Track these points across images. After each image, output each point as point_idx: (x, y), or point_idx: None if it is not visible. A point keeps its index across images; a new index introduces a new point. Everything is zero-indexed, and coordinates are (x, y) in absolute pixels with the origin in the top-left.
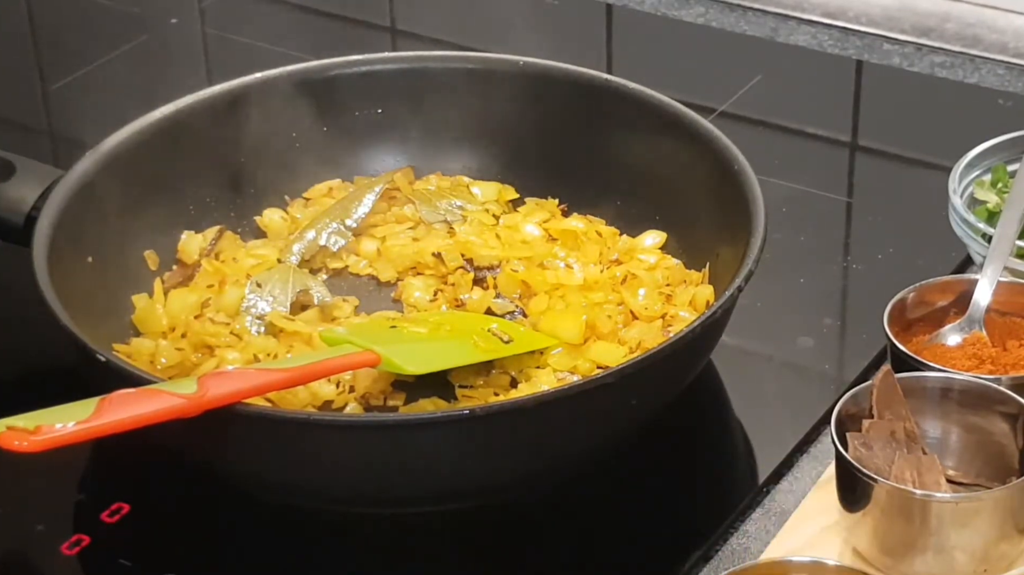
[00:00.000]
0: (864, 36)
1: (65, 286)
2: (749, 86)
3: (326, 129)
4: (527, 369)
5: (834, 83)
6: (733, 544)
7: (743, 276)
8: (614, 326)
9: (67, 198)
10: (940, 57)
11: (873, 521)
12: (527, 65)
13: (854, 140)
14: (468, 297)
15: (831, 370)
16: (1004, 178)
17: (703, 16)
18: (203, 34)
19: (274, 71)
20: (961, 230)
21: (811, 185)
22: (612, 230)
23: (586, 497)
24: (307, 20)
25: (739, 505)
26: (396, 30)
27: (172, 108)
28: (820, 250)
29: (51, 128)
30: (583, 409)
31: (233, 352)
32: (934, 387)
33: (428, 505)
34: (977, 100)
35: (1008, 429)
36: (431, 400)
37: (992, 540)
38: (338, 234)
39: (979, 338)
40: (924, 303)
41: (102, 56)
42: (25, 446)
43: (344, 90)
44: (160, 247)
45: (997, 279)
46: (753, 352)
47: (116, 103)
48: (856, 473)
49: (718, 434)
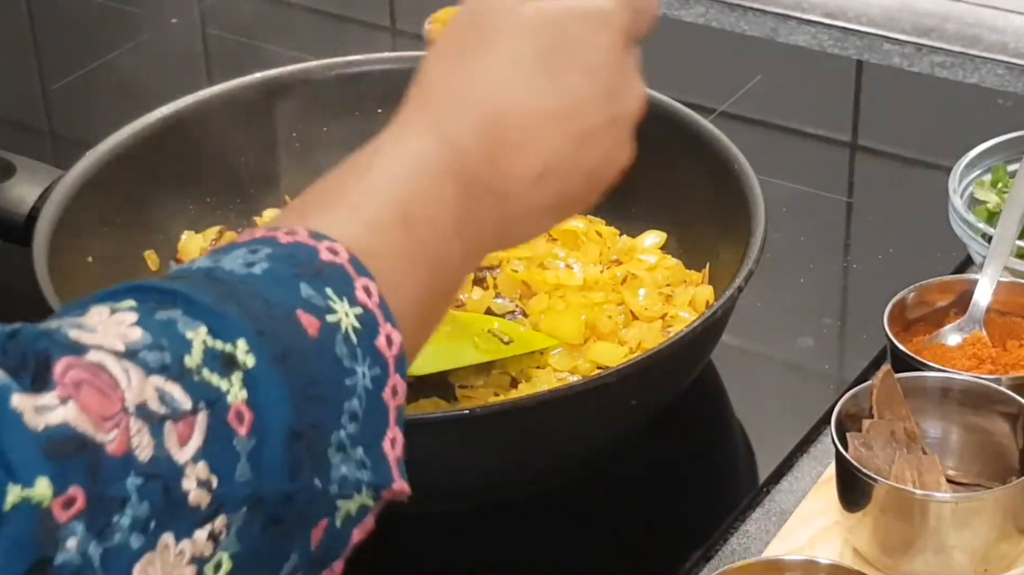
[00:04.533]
0: (864, 36)
1: (65, 286)
2: (749, 86)
3: (326, 129)
4: (527, 369)
5: (834, 83)
6: (733, 544)
7: (743, 276)
8: (614, 326)
9: (67, 198)
10: (940, 57)
11: (873, 521)
12: None
13: (854, 140)
14: (468, 297)
15: (831, 370)
16: (1004, 178)
17: (703, 16)
18: (203, 34)
19: (274, 71)
20: (961, 230)
21: (811, 185)
22: (612, 230)
23: (586, 497)
24: (307, 20)
25: (739, 505)
26: (396, 30)
27: (172, 108)
28: (820, 250)
29: (51, 128)
30: (583, 409)
31: None
32: (934, 387)
33: (428, 505)
34: (977, 100)
35: (1008, 429)
36: (431, 400)
37: (992, 540)
38: None
39: (979, 338)
40: (924, 303)
41: (102, 56)
42: None
43: (344, 90)
44: (160, 247)
45: (997, 279)
46: (753, 352)
47: (116, 103)
48: (856, 473)
49: (718, 434)
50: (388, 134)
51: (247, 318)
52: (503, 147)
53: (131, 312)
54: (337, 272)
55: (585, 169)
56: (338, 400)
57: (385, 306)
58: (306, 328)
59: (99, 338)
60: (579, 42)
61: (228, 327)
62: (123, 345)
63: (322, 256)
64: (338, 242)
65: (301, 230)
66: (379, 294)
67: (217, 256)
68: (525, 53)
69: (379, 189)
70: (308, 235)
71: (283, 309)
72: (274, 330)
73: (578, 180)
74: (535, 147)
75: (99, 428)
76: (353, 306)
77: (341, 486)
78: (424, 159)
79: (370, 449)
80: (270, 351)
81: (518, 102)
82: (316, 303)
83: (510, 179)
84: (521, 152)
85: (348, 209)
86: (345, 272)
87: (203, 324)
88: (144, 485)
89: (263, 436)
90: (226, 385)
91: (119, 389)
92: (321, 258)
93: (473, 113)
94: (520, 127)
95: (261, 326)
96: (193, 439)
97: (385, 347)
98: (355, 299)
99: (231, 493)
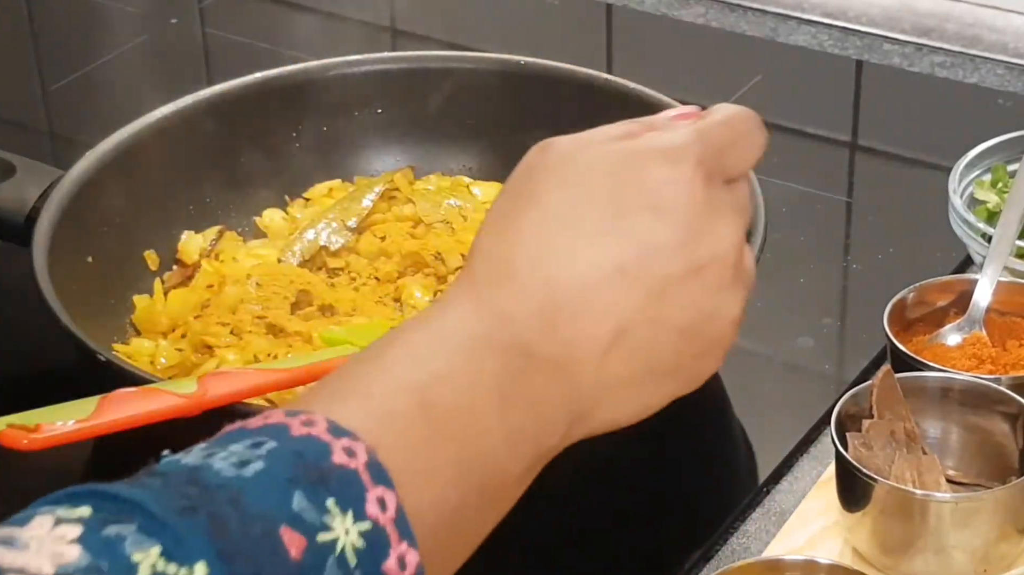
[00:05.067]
0: (864, 36)
1: (65, 286)
2: (749, 86)
3: (326, 129)
4: None
5: (834, 83)
6: (733, 544)
7: None
8: None
9: (67, 198)
10: (940, 57)
11: (873, 521)
12: (527, 65)
13: (854, 140)
14: None
15: (831, 370)
16: (1004, 178)
17: (703, 16)
18: (203, 34)
19: (273, 71)
20: (961, 230)
21: (811, 185)
22: None
23: (586, 497)
24: (307, 20)
25: (739, 505)
26: (396, 30)
27: (172, 108)
28: (820, 250)
29: (51, 128)
30: None
31: (233, 352)
32: (934, 387)
33: None
34: (977, 100)
35: (1008, 429)
36: None
37: (992, 540)
38: (338, 234)
39: (979, 338)
40: (924, 303)
41: (102, 56)
42: (25, 444)
43: (344, 90)
44: (160, 247)
45: (997, 279)
46: (753, 352)
47: (116, 103)
48: (856, 473)
49: (718, 434)
50: (429, 310)
51: (214, 535)
52: (561, 311)
53: (77, 525)
54: (347, 479)
55: (674, 326)
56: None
57: (403, 521)
58: (287, 549)
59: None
60: (644, 181)
61: (187, 548)
62: (52, 567)
63: (334, 458)
64: (360, 440)
65: (321, 420)
66: (397, 506)
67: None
68: (581, 201)
69: (396, 371)
70: (326, 429)
71: (263, 524)
72: (244, 551)
73: (669, 340)
74: (602, 306)
75: None
76: (359, 521)
77: None
78: (457, 334)
79: None
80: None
81: (576, 257)
82: (307, 518)
83: (573, 347)
84: (585, 314)
85: (361, 397)
86: (357, 479)
87: (157, 543)
88: None
89: None
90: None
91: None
92: (332, 460)
93: (523, 276)
94: (581, 286)
95: (228, 546)
96: None
97: (396, 571)
98: (363, 513)
99: None
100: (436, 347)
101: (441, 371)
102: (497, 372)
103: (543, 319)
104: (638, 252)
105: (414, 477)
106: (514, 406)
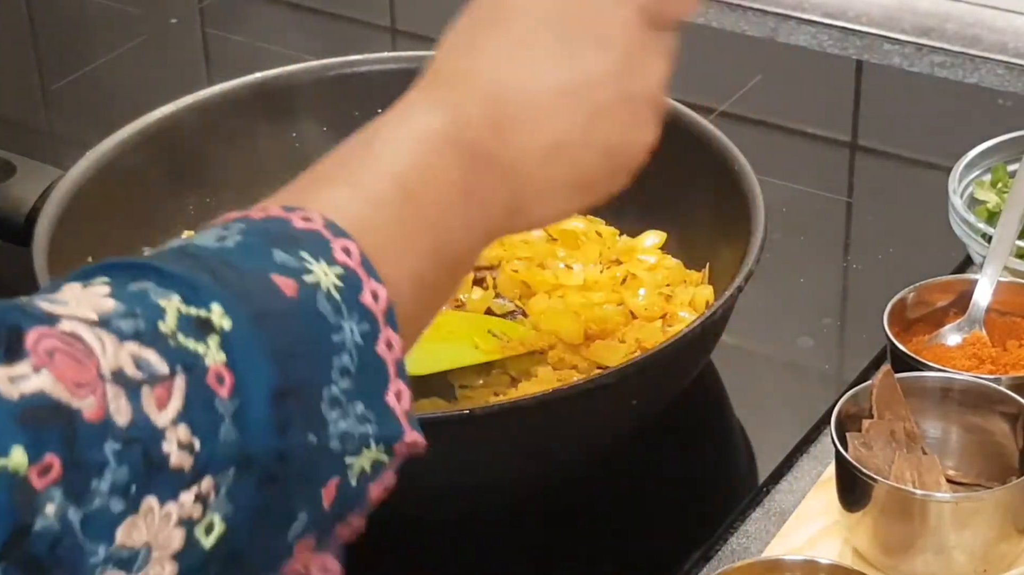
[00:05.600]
0: (864, 36)
1: None
2: (749, 86)
3: (326, 129)
4: (527, 369)
5: (834, 83)
6: (733, 544)
7: (743, 276)
8: (614, 326)
9: (67, 198)
10: (940, 57)
11: (873, 521)
12: None
13: (854, 140)
14: (468, 297)
15: (831, 370)
16: (1004, 178)
17: (703, 16)
18: (203, 34)
19: (274, 71)
20: (961, 230)
21: (811, 185)
22: (612, 230)
23: (586, 497)
24: (307, 20)
25: (739, 505)
26: (396, 30)
27: (172, 108)
28: (820, 250)
29: (51, 128)
30: (583, 409)
31: None
32: (934, 387)
33: (427, 505)
34: (977, 100)
35: (1008, 429)
36: (431, 400)
37: (992, 540)
38: None
39: (979, 338)
40: (924, 303)
41: (102, 56)
42: None
43: (344, 90)
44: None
45: (997, 279)
46: (753, 352)
47: (116, 103)
48: (856, 473)
49: (718, 434)
50: (393, 111)
51: (220, 284)
52: (511, 120)
53: (104, 286)
54: (312, 236)
55: (600, 146)
56: (325, 356)
57: (368, 264)
58: (283, 289)
59: (71, 309)
60: (592, 17)
61: (201, 294)
62: (96, 314)
63: (295, 224)
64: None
65: (274, 207)
66: (360, 253)
67: (190, 237)
68: (535, 28)
69: (379, 163)
70: (281, 209)
71: (257, 275)
72: (249, 293)
73: (594, 157)
74: (544, 120)
75: (74, 395)
76: (332, 266)
77: (343, 442)
78: (427, 132)
79: (372, 403)
80: (246, 313)
81: (526, 75)
82: (291, 266)
83: (518, 152)
84: (529, 125)
85: (348, 185)
86: (320, 236)
87: (175, 293)
88: (123, 450)
89: (246, 397)
90: (203, 348)
91: (93, 356)
92: (294, 226)
93: (479, 87)
94: (528, 101)
95: (235, 290)
96: (172, 403)
97: (371, 302)
98: (333, 259)
99: (215, 454)
100: (411, 143)
101: (417, 163)
102: (461, 167)
103: (495, 126)
104: (581, 78)
105: (396, 254)
106: (471, 197)
